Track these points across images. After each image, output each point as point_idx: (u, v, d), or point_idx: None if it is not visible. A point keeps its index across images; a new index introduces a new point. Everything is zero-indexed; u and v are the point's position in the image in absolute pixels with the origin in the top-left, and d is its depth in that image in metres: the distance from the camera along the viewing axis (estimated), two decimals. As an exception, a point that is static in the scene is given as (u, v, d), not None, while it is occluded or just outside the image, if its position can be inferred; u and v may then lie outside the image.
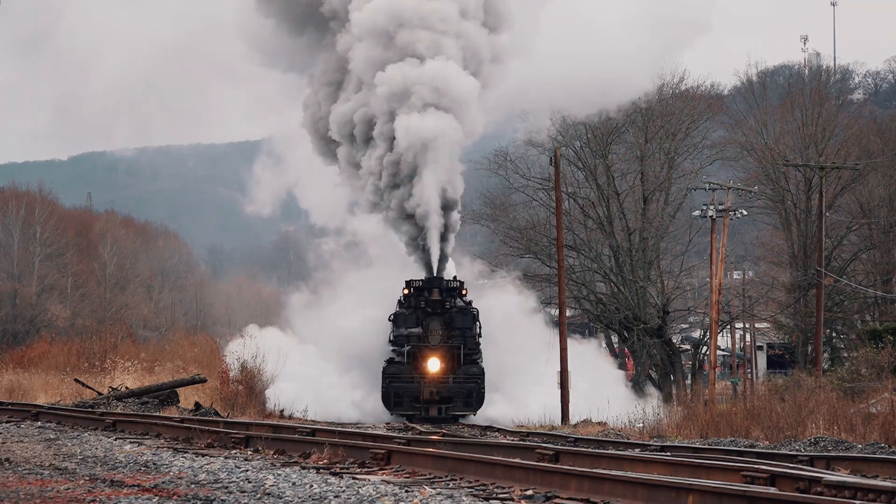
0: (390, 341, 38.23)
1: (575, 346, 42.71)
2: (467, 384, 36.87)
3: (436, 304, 37.75)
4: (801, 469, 14.42)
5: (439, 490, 12.53)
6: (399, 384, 36.90)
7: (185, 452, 17.41)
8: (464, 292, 38.62)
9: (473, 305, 38.68)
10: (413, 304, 37.99)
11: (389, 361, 37.87)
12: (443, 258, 39.02)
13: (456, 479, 14.02)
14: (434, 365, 37.17)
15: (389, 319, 38.42)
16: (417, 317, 37.76)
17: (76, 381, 38.32)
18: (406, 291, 38.25)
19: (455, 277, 39.54)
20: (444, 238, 38.96)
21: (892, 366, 40.47)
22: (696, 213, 47.61)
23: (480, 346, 38.05)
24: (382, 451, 15.88)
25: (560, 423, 35.78)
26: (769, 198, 58.39)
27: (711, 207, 45.63)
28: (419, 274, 38.88)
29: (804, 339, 56.80)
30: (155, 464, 15.57)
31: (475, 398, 36.84)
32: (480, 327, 38.26)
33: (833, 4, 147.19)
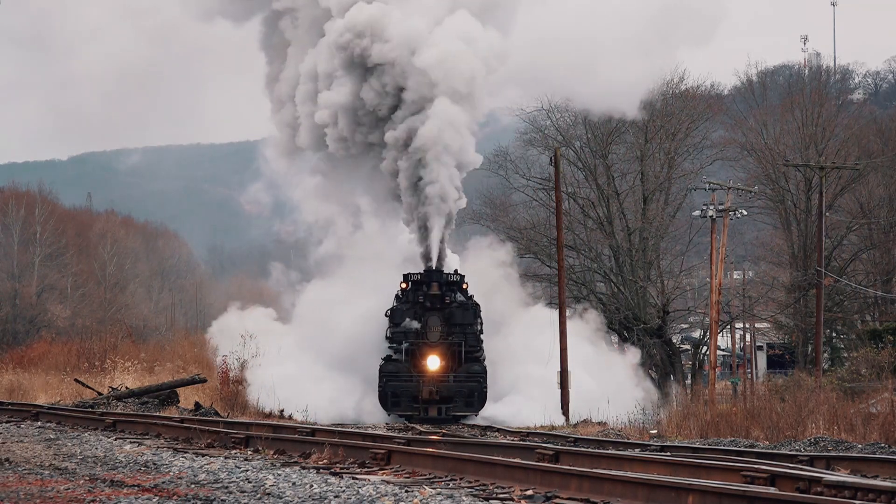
0: (387, 338, 36.41)
1: (576, 333, 41.25)
2: (468, 383, 35.33)
3: (435, 298, 36.10)
4: (801, 469, 14.41)
5: (439, 490, 12.52)
6: (397, 383, 35.23)
7: (185, 452, 17.41)
8: (465, 286, 36.86)
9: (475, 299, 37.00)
10: (411, 298, 36.29)
11: (387, 359, 36.11)
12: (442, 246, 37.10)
13: (456, 479, 14.01)
14: (433, 363, 35.51)
15: (386, 315, 36.68)
16: (416, 312, 36.11)
17: (76, 381, 38.36)
18: (404, 286, 36.58)
19: (456, 271, 37.51)
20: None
21: (892, 366, 40.53)
22: (696, 213, 47.62)
23: (483, 343, 36.55)
24: (382, 451, 15.88)
25: (560, 423, 35.66)
26: (769, 198, 58.41)
27: (711, 207, 45.63)
28: (415, 264, 37.20)
29: (804, 339, 56.82)
30: (155, 464, 15.57)
31: (477, 398, 35.31)
32: (482, 323, 36.73)
33: (833, 4, 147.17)
